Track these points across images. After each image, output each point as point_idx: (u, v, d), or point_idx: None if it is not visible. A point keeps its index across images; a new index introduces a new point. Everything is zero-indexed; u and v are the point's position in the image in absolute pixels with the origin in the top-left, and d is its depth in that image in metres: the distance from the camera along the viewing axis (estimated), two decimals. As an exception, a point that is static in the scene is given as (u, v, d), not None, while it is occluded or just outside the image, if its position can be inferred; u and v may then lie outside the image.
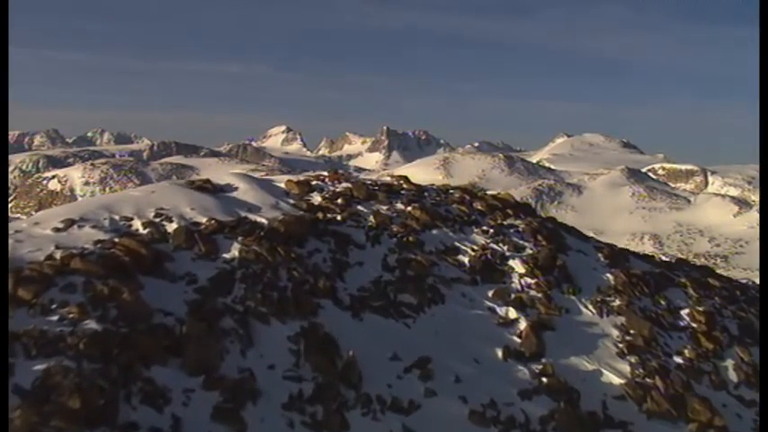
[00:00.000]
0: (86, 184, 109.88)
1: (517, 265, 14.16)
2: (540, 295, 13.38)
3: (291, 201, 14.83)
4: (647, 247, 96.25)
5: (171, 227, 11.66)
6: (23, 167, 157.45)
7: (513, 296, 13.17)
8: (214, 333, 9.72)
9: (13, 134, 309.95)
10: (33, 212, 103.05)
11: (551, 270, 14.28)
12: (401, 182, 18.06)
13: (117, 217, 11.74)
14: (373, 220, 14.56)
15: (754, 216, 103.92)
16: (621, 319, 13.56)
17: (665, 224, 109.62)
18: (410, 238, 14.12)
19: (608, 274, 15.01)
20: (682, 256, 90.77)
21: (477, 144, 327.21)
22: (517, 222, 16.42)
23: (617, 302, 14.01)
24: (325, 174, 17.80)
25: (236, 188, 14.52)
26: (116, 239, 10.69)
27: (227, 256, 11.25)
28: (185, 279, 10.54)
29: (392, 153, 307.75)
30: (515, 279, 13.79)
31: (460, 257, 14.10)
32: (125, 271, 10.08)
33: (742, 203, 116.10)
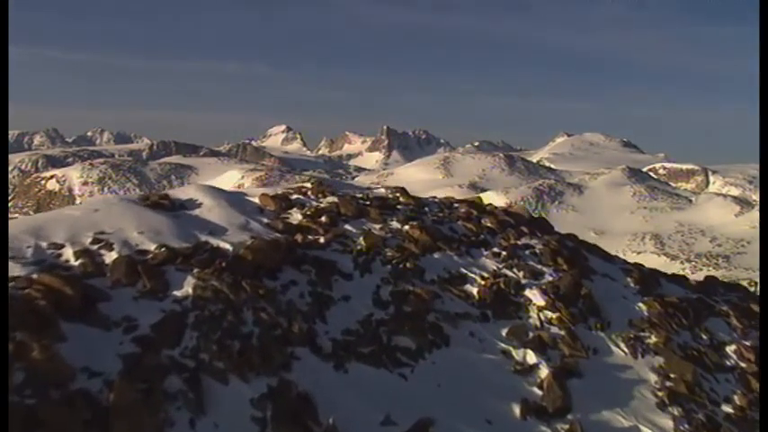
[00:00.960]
0: (85, 183, 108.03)
1: (535, 296, 11.89)
2: (563, 333, 11.13)
3: (265, 220, 12.51)
4: (649, 247, 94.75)
5: (110, 256, 9.35)
6: (23, 167, 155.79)
7: (531, 335, 10.91)
8: (154, 399, 7.51)
9: (12, 134, 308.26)
10: (32, 212, 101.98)
11: (575, 301, 12.03)
12: (397, 195, 15.75)
13: (44, 244, 9.37)
14: (363, 243, 12.30)
15: (755, 216, 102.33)
16: (659, 360, 11.33)
17: (667, 224, 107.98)
18: (408, 265, 11.89)
19: (640, 304, 12.79)
20: (684, 256, 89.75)
21: (477, 143, 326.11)
22: (533, 242, 14.20)
23: (653, 339, 11.78)
24: (308, 185, 15.44)
25: (200, 204, 12.17)
26: (35, 275, 8.41)
27: (178, 293, 8.97)
28: (123, 326, 8.29)
29: (392, 152, 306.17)
30: (533, 313, 11.51)
31: (468, 287, 11.83)
32: (42, 318, 7.86)
33: (743, 203, 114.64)
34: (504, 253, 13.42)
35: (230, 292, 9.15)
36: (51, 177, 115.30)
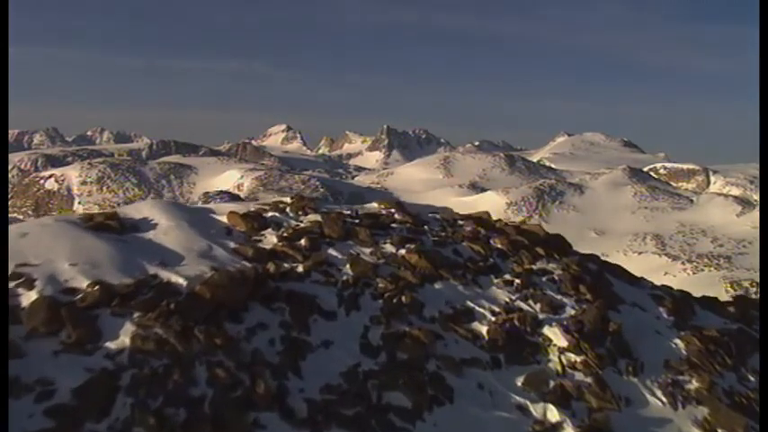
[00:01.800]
0: (83, 183, 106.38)
1: (556, 335, 9.91)
2: (589, 380, 9.20)
3: (232, 244, 10.48)
4: (650, 248, 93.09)
5: (29, 297, 7.49)
6: (22, 166, 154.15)
7: (552, 384, 8.99)
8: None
9: (12, 133, 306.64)
10: (30, 212, 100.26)
11: (602, 339, 10.09)
12: (391, 210, 13.50)
13: (-51, 281, 7.57)
14: (350, 272, 10.32)
15: (757, 216, 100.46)
16: (704, 411, 9.45)
17: (668, 224, 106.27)
18: (403, 298, 9.90)
19: (677, 340, 10.84)
20: (685, 257, 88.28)
21: (477, 143, 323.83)
22: (551, 266, 12.13)
23: (694, 384, 9.86)
24: (287, 201, 13.22)
25: (155, 225, 10.15)
26: None
27: (111, 345, 7.08)
28: (36, 391, 6.44)
29: (392, 152, 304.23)
30: (554, 356, 9.57)
31: (476, 326, 9.81)
32: None
33: (745, 203, 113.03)
34: (517, 281, 11.36)
35: (179, 342, 7.26)
36: (50, 177, 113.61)
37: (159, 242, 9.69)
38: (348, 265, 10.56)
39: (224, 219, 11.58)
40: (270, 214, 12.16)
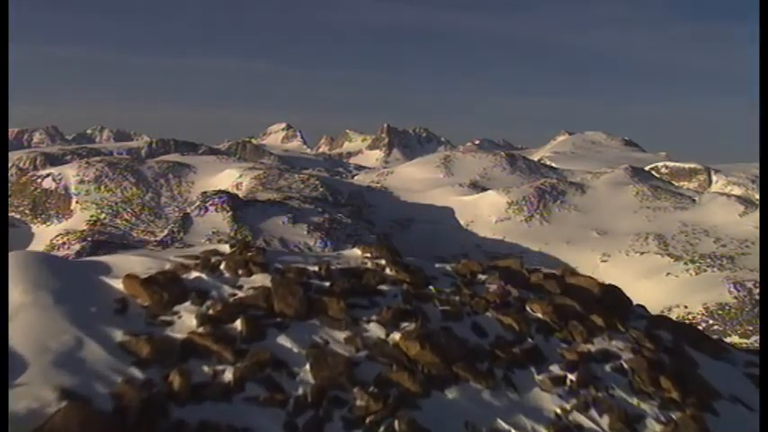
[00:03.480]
0: (81, 182, 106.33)
1: None
2: None
3: (120, 334, 6.77)
4: (652, 248, 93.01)
5: None
6: (21, 165, 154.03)
7: None
8: None
9: (11, 131, 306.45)
10: (28, 212, 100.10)
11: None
12: (380, 262, 9.58)
13: None
14: (311, 379, 6.71)
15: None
16: None
17: (670, 224, 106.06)
18: (397, 425, 6.28)
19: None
20: (688, 257, 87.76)
21: (478, 142, 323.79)
22: (615, 346, 8.57)
23: None
24: (225, 249, 9.22)
25: None
26: None
27: None
28: None
29: (392, 151, 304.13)
30: None
31: None
32: None
33: (748, 203, 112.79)
34: (571, 377, 7.65)
35: None
36: (47, 176, 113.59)
37: None
38: (308, 366, 6.81)
39: (118, 285, 7.72)
40: (193, 275, 8.15)
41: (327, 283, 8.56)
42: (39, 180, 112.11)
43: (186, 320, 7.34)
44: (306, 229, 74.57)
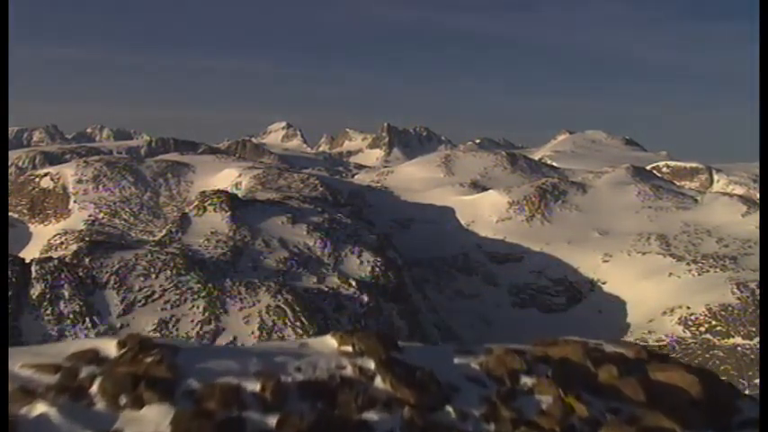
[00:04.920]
0: (79, 182, 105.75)
1: None
2: None
3: None
4: (654, 248, 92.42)
5: None
6: (20, 164, 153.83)
7: None
8: None
9: (11, 130, 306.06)
10: (26, 211, 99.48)
11: None
12: (367, 367, 6.29)
13: None
14: None
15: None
16: None
17: (672, 224, 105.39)
18: None
19: None
20: (690, 257, 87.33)
21: (478, 141, 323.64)
22: None
23: None
24: (109, 350, 5.93)
25: None
26: None
27: None
28: None
29: (393, 150, 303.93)
30: None
31: None
32: None
33: (750, 203, 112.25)
34: None
35: None
36: (45, 175, 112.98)
37: None
38: None
39: None
40: (36, 411, 4.87)
41: (274, 420, 5.14)
42: (37, 179, 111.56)
43: None
44: (305, 229, 73.59)
